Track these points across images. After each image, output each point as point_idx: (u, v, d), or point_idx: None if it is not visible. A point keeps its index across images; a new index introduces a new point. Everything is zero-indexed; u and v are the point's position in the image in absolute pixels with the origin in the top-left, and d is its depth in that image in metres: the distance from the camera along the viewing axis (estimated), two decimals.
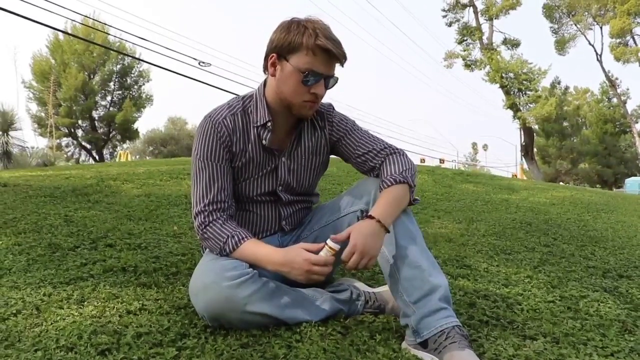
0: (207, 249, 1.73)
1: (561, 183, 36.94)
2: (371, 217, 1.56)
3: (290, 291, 1.67)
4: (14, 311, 1.68)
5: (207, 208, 1.68)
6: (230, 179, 1.74)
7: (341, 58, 1.65)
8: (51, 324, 1.60)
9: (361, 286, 1.91)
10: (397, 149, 1.81)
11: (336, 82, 1.71)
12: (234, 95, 1.92)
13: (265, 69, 1.73)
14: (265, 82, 1.77)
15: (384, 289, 1.86)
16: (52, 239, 2.59)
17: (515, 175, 37.33)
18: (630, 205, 6.18)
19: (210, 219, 1.68)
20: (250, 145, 1.74)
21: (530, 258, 2.90)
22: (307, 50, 1.60)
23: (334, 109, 1.88)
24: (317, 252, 1.56)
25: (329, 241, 1.55)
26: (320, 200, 2.09)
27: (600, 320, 1.94)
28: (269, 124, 1.72)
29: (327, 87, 1.69)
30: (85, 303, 1.79)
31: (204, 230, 1.67)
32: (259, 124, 1.72)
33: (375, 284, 2.10)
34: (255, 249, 1.63)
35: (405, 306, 1.57)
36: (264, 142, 1.73)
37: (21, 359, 1.36)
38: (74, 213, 3.22)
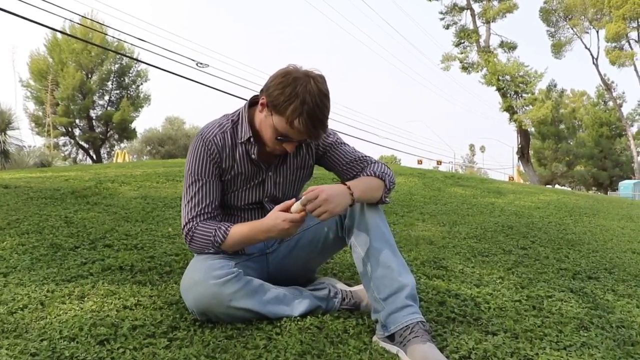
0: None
1: (557, 186, 37.21)
2: (343, 184, 1.76)
3: (272, 288, 1.84)
4: (21, 306, 1.84)
5: (194, 219, 1.85)
6: (219, 193, 1.91)
7: (314, 139, 1.83)
8: (55, 317, 1.76)
9: (339, 285, 2.08)
10: (377, 160, 1.98)
11: (309, 141, 1.92)
12: (231, 96, 2.09)
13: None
14: (252, 102, 1.92)
15: (360, 287, 2.02)
16: (53, 239, 2.75)
17: (512, 178, 37.56)
18: (614, 209, 6.36)
19: (196, 225, 1.84)
20: (238, 160, 1.90)
21: (506, 260, 3.07)
22: (287, 119, 1.71)
23: None
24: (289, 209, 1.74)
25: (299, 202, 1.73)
26: None
27: (560, 318, 2.11)
28: (252, 139, 1.88)
29: (299, 145, 1.88)
30: (86, 299, 1.96)
31: (192, 235, 1.83)
32: (242, 140, 1.88)
33: (354, 283, 2.26)
34: (242, 229, 1.81)
35: (376, 302, 1.74)
36: (252, 155, 1.89)
37: (29, 348, 1.52)
38: (73, 215, 3.38)
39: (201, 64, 15.68)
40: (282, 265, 2.04)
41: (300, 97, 1.67)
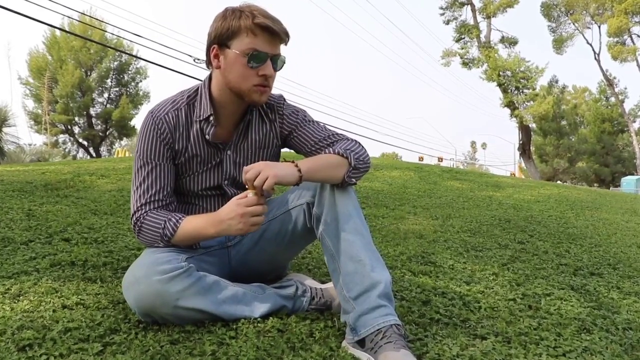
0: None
1: (559, 182, 36.90)
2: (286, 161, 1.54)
3: (229, 286, 1.61)
4: None
5: (143, 207, 1.62)
6: (171, 178, 1.68)
7: (282, 35, 1.59)
8: None
9: (309, 282, 1.85)
10: (351, 138, 1.75)
11: (284, 62, 1.66)
12: None
13: (209, 63, 1.66)
14: (210, 76, 1.70)
15: (332, 284, 1.79)
16: (7, 233, 2.52)
17: (514, 174, 37.25)
18: (617, 203, 6.11)
19: (145, 215, 1.62)
20: (193, 141, 1.68)
21: (501, 255, 2.84)
22: (247, 32, 1.54)
23: (285, 100, 1.81)
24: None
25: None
26: (277, 193, 2.01)
27: (559, 319, 1.87)
28: (211, 118, 1.65)
29: (275, 69, 1.63)
30: (21, 297, 1.73)
31: (141, 226, 1.60)
32: (201, 117, 1.66)
33: (329, 280, 2.03)
34: (194, 221, 1.59)
35: (345, 302, 1.51)
36: (207, 136, 1.67)
37: None
38: (38, 207, 3.15)
39: (198, 59, 15.45)
40: (247, 260, 1.81)
41: (244, 10, 1.56)
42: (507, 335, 1.67)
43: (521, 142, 30.25)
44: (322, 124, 1.81)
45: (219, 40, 1.58)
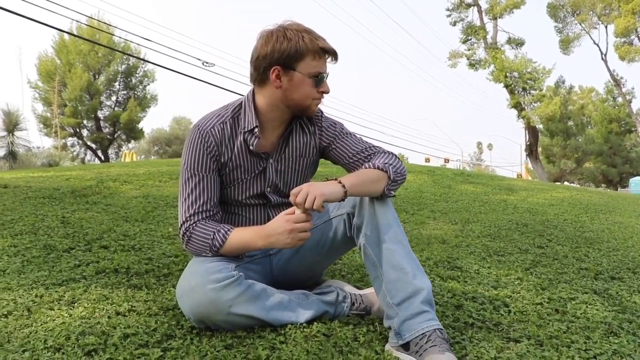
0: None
1: (566, 183, 36.82)
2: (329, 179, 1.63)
3: (276, 293, 1.70)
4: (5, 312, 1.71)
5: (192, 218, 1.71)
6: (217, 189, 1.77)
7: (336, 54, 1.73)
8: (41, 325, 1.63)
9: (348, 288, 1.94)
10: (387, 150, 1.84)
11: None
12: (239, 95, 1.96)
13: (260, 81, 1.73)
14: (253, 91, 1.79)
15: (371, 290, 1.88)
16: (47, 240, 2.62)
17: (520, 175, 37.24)
18: (630, 206, 6.16)
19: (194, 225, 1.71)
20: (237, 152, 1.76)
21: (523, 260, 2.91)
22: (314, 55, 1.66)
23: (322, 113, 1.90)
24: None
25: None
26: None
27: (586, 323, 1.95)
28: (256, 130, 1.74)
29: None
30: (76, 304, 1.82)
31: (190, 236, 1.69)
32: (246, 129, 1.75)
33: (364, 285, 2.12)
34: (242, 234, 1.69)
35: (389, 308, 1.59)
36: (251, 147, 1.75)
37: (8, 359, 1.39)
38: (71, 215, 3.25)
39: (207, 63, 15.55)
40: (287, 268, 1.90)
41: (301, 31, 1.67)
42: (539, 338, 1.75)
43: (528, 143, 30.23)
44: (358, 136, 1.90)
45: (284, 61, 1.66)
